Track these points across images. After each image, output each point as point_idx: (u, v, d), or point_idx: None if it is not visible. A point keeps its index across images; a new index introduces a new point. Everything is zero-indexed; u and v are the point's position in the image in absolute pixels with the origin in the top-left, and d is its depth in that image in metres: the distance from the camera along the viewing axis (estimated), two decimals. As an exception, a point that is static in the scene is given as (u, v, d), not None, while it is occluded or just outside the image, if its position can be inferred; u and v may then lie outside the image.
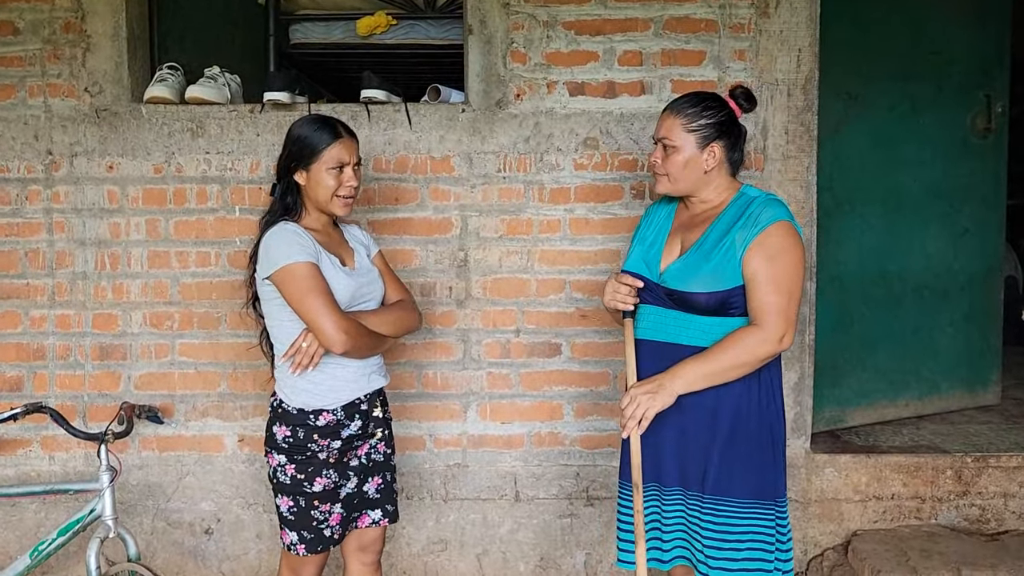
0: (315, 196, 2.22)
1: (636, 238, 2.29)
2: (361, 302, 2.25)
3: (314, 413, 2.19)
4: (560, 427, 2.95)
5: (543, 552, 2.99)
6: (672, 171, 2.12)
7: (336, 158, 2.19)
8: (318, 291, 2.11)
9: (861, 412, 3.40)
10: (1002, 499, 3.00)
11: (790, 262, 2.02)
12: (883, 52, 3.29)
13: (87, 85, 2.86)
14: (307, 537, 2.22)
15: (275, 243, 2.15)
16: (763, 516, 2.07)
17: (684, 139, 2.09)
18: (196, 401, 2.94)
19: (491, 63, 2.86)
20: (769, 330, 2.00)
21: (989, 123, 3.50)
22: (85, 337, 2.92)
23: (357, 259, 2.31)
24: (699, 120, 2.09)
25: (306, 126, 2.23)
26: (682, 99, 2.15)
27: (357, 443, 2.27)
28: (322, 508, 2.21)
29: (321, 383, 2.20)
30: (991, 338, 3.67)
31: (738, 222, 2.07)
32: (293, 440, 2.19)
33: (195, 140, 2.87)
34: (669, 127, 2.12)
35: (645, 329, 2.18)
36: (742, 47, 2.85)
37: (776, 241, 2.02)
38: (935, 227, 3.47)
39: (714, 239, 2.09)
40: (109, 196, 2.89)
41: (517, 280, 2.91)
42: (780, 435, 2.14)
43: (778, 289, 2.01)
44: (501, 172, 2.89)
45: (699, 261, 2.08)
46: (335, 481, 2.23)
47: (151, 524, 2.96)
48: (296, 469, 2.20)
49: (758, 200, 2.10)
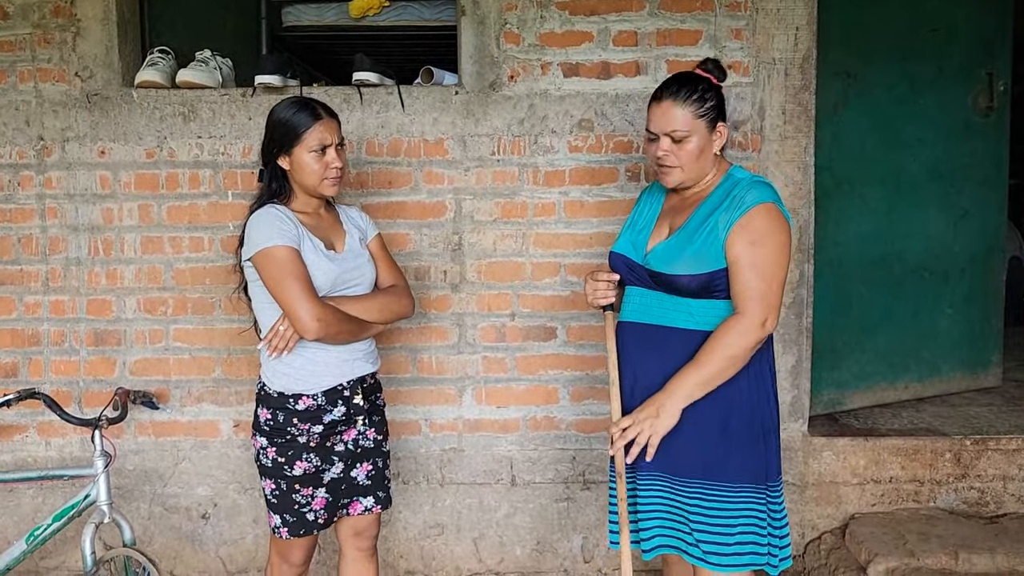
0: (301, 180, 2.20)
1: (627, 223, 2.27)
2: (346, 287, 2.23)
3: (294, 397, 2.19)
4: (556, 411, 2.94)
5: (540, 536, 2.98)
6: (687, 162, 2.06)
7: (318, 140, 2.17)
8: (294, 276, 2.10)
9: (860, 395, 3.38)
10: (1001, 482, 2.98)
11: (773, 246, 1.99)
12: (882, 30, 3.24)
13: (78, 70, 2.85)
14: (289, 520, 2.22)
15: (256, 226, 2.15)
16: (755, 500, 2.05)
17: (695, 126, 2.03)
18: (191, 386, 2.93)
19: (484, 44, 2.83)
20: (750, 317, 1.98)
21: (991, 102, 3.45)
22: (79, 323, 2.91)
23: (348, 242, 2.28)
24: (706, 104, 2.04)
25: (285, 110, 2.21)
26: (677, 87, 2.06)
27: (341, 428, 2.25)
28: (304, 492, 2.21)
29: (300, 368, 2.19)
30: (992, 319, 3.63)
31: (722, 204, 2.04)
32: (274, 423, 2.20)
33: (187, 124, 2.85)
34: (679, 118, 2.03)
35: (631, 311, 2.16)
36: (739, 26, 2.82)
37: (759, 224, 1.99)
38: (935, 208, 3.43)
39: (697, 221, 2.06)
40: (101, 181, 2.87)
41: (512, 264, 2.89)
42: (772, 419, 2.11)
43: (759, 274, 1.98)
44: (495, 155, 2.86)
45: (682, 243, 2.06)
46: (316, 465, 2.22)
47: (148, 509, 2.97)
48: (277, 452, 2.20)
49: (743, 182, 2.07)
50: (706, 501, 2.05)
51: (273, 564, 2.33)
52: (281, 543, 2.27)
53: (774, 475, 2.10)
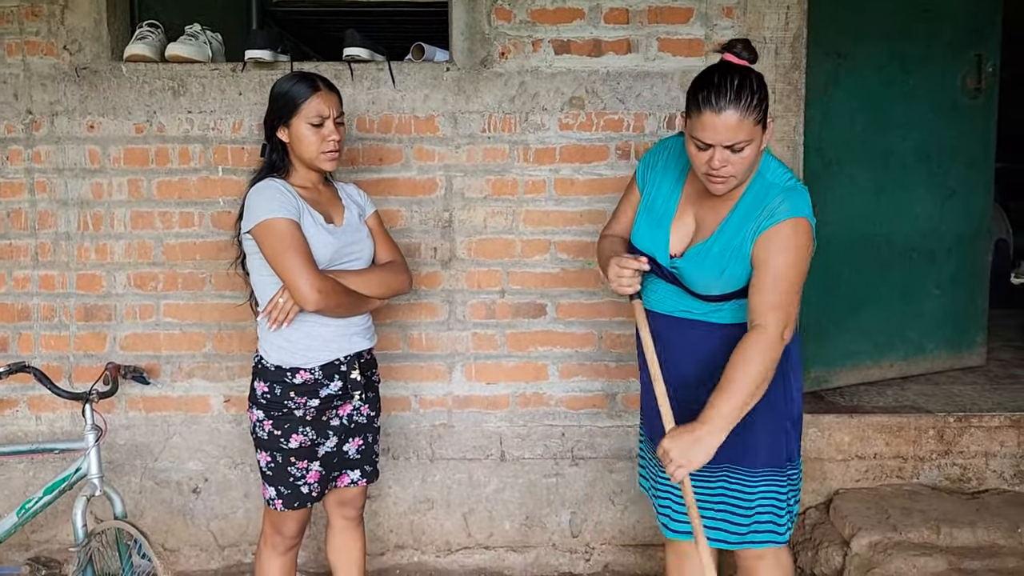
0: (299, 152, 2.21)
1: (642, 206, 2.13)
2: (345, 261, 2.24)
3: (291, 371, 2.21)
4: (545, 388, 2.96)
5: (528, 511, 3.01)
6: (742, 169, 1.89)
7: (315, 111, 2.18)
8: (295, 248, 2.11)
9: (846, 373, 3.41)
10: (983, 458, 3.02)
11: (795, 259, 1.91)
12: (873, 10, 3.25)
13: (66, 43, 2.83)
14: (284, 493, 2.24)
15: (256, 199, 2.16)
16: (776, 483, 2.06)
17: (755, 132, 1.86)
18: (182, 362, 2.94)
19: (476, 21, 2.83)
20: (770, 331, 1.89)
21: (979, 83, 3.47)
22: (69, 298, 2.91)
23: (346, 216, 2.29)
24: (760, 106, 1.86)
25: (285, 82, 2.23)
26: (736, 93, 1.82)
27: (337, 403, 2.27)
28: (299, 465, 2.23)
29: (297, 341, 2.21)
30: (977, 300, 3.67)
31: (753, 214, 1.94)
32: (270, 396, 2.21)
33: (176, 99, 2.84)
34: (743, 129, 1.83)
35: (647, 300, 2.11)
36: (730, 4, 2.82)
37: (785, 238, 1.90)
38: (923, 188, 3.46)
39: (729, 235, 1.97)
40: (90, 156, 2.86)
41: (502, 241, 2.90)
42: (797, 403, 2.10)
43: (778, 287, 1.91)
44: (486, 132, 2.86)
45: (713, 264, 1.98)
46: (312, 439, 2.24)
47: (139, 483, 2.98)
48: (273, 425, 2.22)
49: (777, 189, 1.94)
50: (730, 485, 2.06)
51: (266, 536, 2.35)
52: (275, 515, 2.29)
53: (795, 456, 2.10)
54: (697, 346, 2.06)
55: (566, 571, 3.01)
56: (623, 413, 2.97)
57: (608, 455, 2.99)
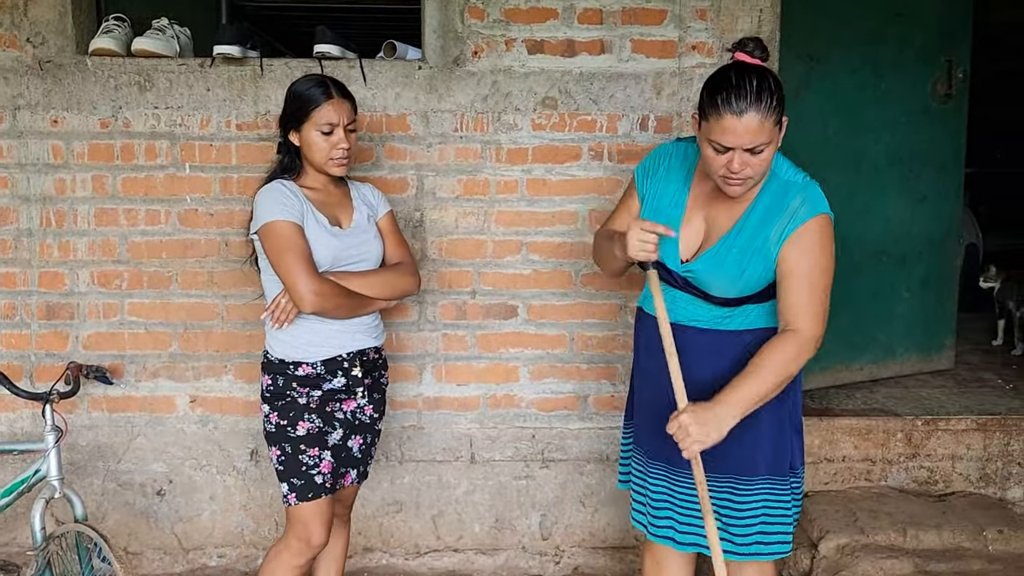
0: (310, 157, 2.26)
1: (646, 206, 2.07)
2: (350, 263, 2.27)
3: (294, 364, 2.24)
4: (516, 389, 2.94)
5: (498, 513, 3.00)
6: (760, 171, 1.86)
7: (325, 119, 2.21)
8: (294, 250, 2.15)
9: (816, 376, 3.42)
10: (950, 461, 3.05)
11: (825, 260, 1.90)
12: (846, 14, 3.26)
13: (29, 35, 2.77)
14: (297, 484, 2.22)
15: (262, 201, 2.21)
16: (779, 491, 2.04)
17: (773, 133, 1.84)
18: (147, 361, 2.89)
19: (448, 19, 2.80)
20: (807, 334, 1.88)
21: (949, 88, 3.50)
22: (31, 296, 2.85)
23: (355, 218, 2.32)
24: (779, 107, 1.83)
25: (301, 84, 2.27)
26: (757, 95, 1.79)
27: (341, 397, 2.29)
28: (311, 452, 2.23)
29: (299, 336, 2.25)
30: (947, 303, 3.71)
31: (775, 215, 1.90)
32: (274, 388, 2.25)
33: (143, 94, 2.79)
34: (764, 131, 1.80)
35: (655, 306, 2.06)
36: (703, 6, 2.81)
37: (813, 238, 1.88)
38: (894, 192, 3.48)
39: (748, 236, 1.93)
40: (54, 151, 2.80)
41: (473, 241, 2.88)
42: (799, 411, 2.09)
43: (812, 289, 1.88)
44: (458, 131, 2.84)
45: (732, 265, 1.93)
46: (319, 427, 2.25)
47: (102, 485, 2.93)
48: (279, 416, 2.24)
49: (796, 188, 1.92)
50: (735, 495, 2.04)
51: (290, 548, 2.25)
52: (301, 515, 2.23)
53: (798, 464, 2.08)
54: (705, 354, 2.02)
55: (536, 574, 2.99)
56: (594, 415, 2.95)
57: (579, 457, 2.97)
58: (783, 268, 1.91)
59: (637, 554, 2.96)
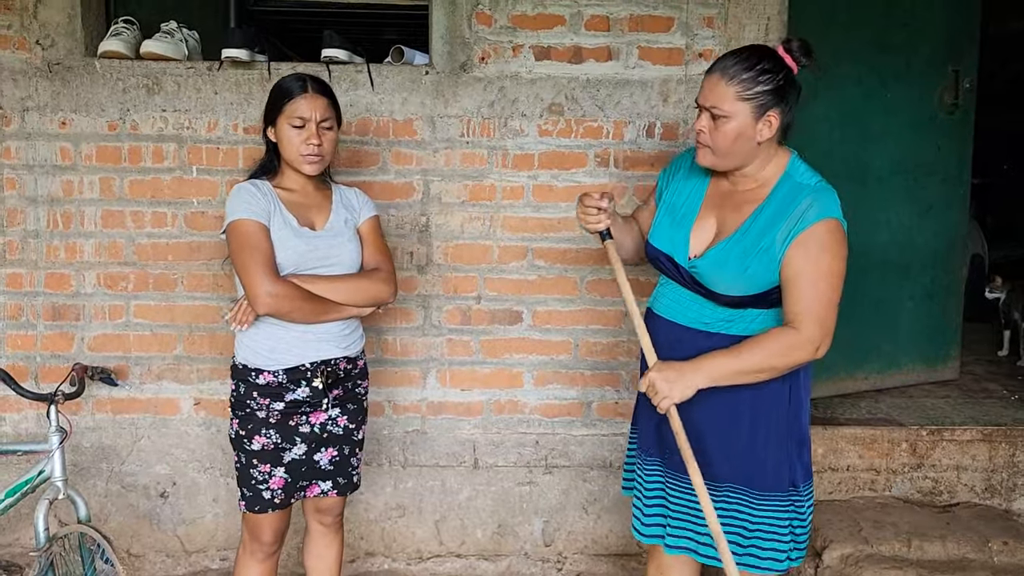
0: (285, 153, 2.21)
1: (662, 205, 2.10)
2: (317, 266, 2.19)
3: (255, 371, 2.19)
4: (520, 395, 2.94)
5: (501, 519, 2.99)
6: (720, 144, 1.89)
7: (297, 112, 2.16)
8: (253, 249, 2.10)
9: (821, 385, 3.41)
10: (955, 472, 3.03)
11: (833, 265, 1.87)
12: (853, 23, 3.27)
13: (39, 38, 2.78)
14: (247, 495, 2.22)
15: (230, 199, 2.20)
16: (779, 507, 2.00)
17: (737, 108, 1.85)
18: (151, 363, 2.89)
19: (456, 25, 2.81)
20: (806, 336, 1.86)
21: (956, 99, 3.49)
22: (37, 297, 2.86)
23: (330, 221, 2.25)
24: (756, 87, 1.84)
25: (282, 80, 2.24)
26: (734, 60, 1.87)
27: (307, 409, 2.22)
28: (261, 468, 2.19)
29: (261, 342, 2.19)
30: (952, 314, 3.69)
31: (783, 217, 1.89)
32: (237, 395, 2.22)
33: (151, 97, 2.80)
34: (720, 95, 1.86)
35: (665, 307, 2.07)
36: (711, 14, 2.82)
37: (820, 241, 1.86)
38: (900, 202, 3.48)
39: (755, 235, 1.92)
40: (62, 153, 2.81)
41: (479, 246, 2.88)
42: (806, 426, 2.05)
43: (819, 295, 1.86)
44: (464, 136, 2.85)
45: (736, 262, 1.92)
46: (276, 443, 2.19)
47: (105, 487, 2.93)
48: (239, 425, 2.21)
49: (807, 190, 1.91)
50: (730, 505, 2.01)
51: (244, 542, 2.30)
52: (250, 520, 2.25)
53: (800, 482, 2.03)
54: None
55: (538, 580, 2.99)
56: (598, 422, 2.95)
57: (582, 464, 2.97)
58: (787, 271, 1.88)
59: (640, 561, 2.95)
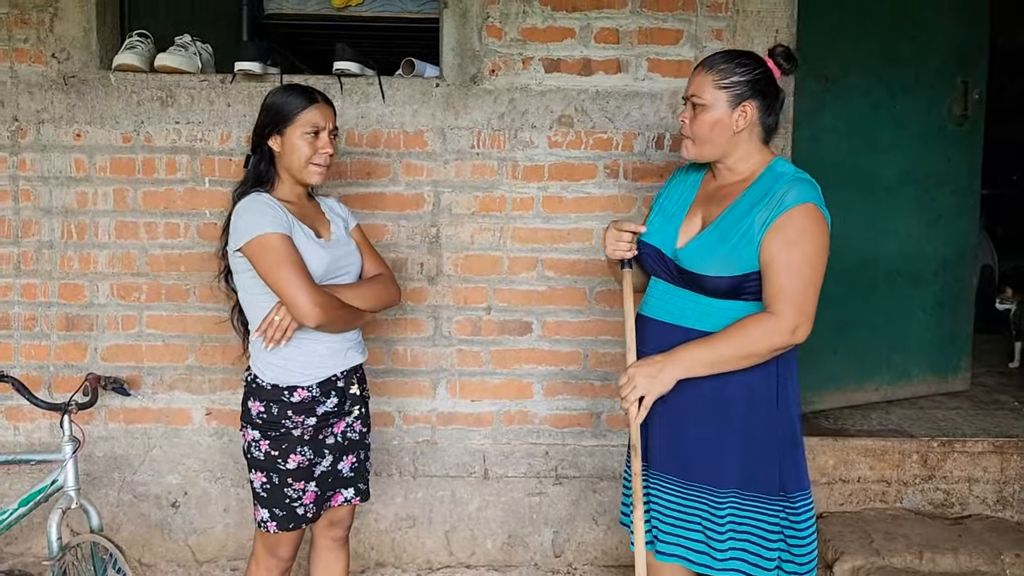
0: (289, 163, 2.17)
1: (656, 206, 2.16)
2: (337, 275, 2.20)
3: (288, 389, 2.15)
4: (530, 405, 2.95)
5: (511, 530, 2.99)
6: (699, 132, 1.98)
7: (311, 122, 2.15)
8: (290, 263, 2.06)
9: (831, 396, 3.41)
10: (967, 483, 3.02)
11: (811, 249, 1.88)
12: (862, 35, 3.28)
13: (55, 51, 2.82)
14: (279, 515, 2.18)
15: (247, 214, 2.11)
16: (768, 511, 1.97)
17: (714, 96, 1.95)
18: (164, 373, 2.91)
19: (466, 37, 2.84)
20: (781, 320, 1.87)
21: (965, 110, 3.50)
22: (51, 307, 2.88)
23: (334, 231, 2.26)
24: (732, 76, 1.94)
25: (280, 93, 2.20)
26: (716, 55, 2.02)
27: (333, 420, 2.23)
28: (296, 486, 2.17)
29: (294, 359, 2.15)
30: (962, 324, 3.69)
31: (761, 202, 1.93)
32: (267, 416, 2.15)
33: (165, 109, 2.83)
34: (699, 83, 1.97)
35: (652, 307, 2.10)
36: (719, 26, 2.84)
37: (798, 225, 1.88)
38: (909, 213, 3.48)
39: (734, 218, 1.95)
40: (76, 165, 2.85)
41: (489, 257, 2.90)
42: (794, 428, 2.02)
43: (794, 277, 1.87)
44: (475, 148, 2.86)
45: (715, 242, 1.95)
46: (310, 459, 2.18)
47: (117, 496, 2.94)
48: (270, 445, 2.15)
49: (785, 178, 1.94)
50: (709, 506, 2.00)
51: (258, 559, 2.27)
52: (269, 537, 2.22)
53: (791, 487, 1.99)
54: None
55: (548, 591, 2.99)
56: (608, 432, 2.95)
57: (592, 474, 2.97)
58: (765, 256, 1.91)
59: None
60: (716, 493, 2.00)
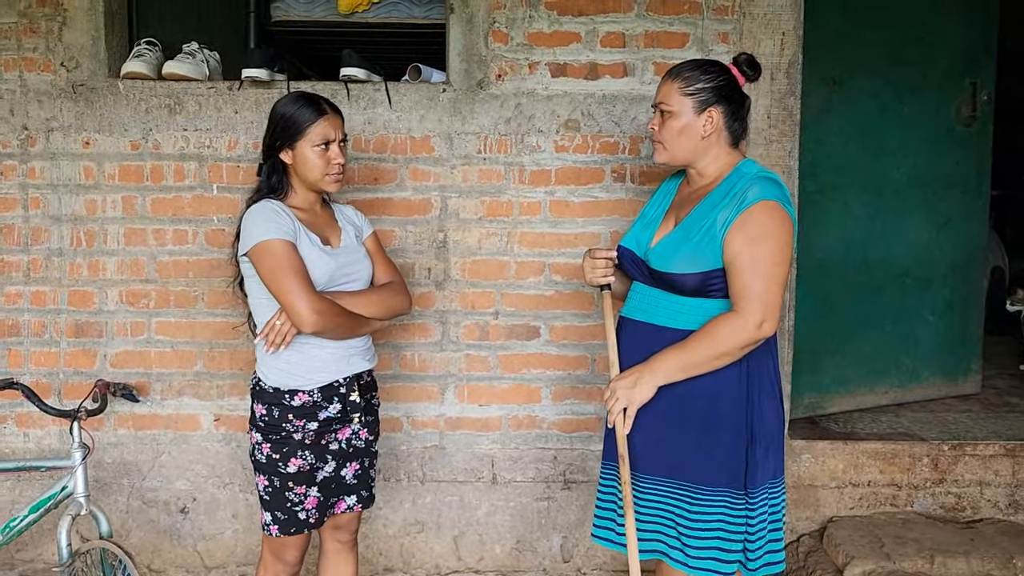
0: (303, 174, 2.20)
1: (639, 216, 2.25)
2: (343, 282, 2.22)
3: (289, 393, 2.17)
4: (538, 410, 2.94)
5: (519, 535, 2.99)
6: (667, 137, 2.06)
7: (321, 135, 2.17)
8: (291, 269, 2.09)
9: (840, 399, 3.40)
10: (978, 487, 3.00)
11: (773, 245, 1.93)
12: (869, 37, 3.27)
13: (63, 60, 2.83)
14: (281, 518, 2.20)
15: (252, 220, 2.15)
16: (734, 507, 2.00)
17: (681, 103, 2.03)
18: (172, 379, 2.92)
19: (472, 43, 2.84)
20: (745, 316, 1.92)
21: (974, 111, 3.49)
22: (60, 314, 2.89)
23: (344, 238, 2.28)
24: (696, 84, 2.02)
25: (289, 104, 2.21)
26: (682, 64, 2.10)
27: (336, 426, 2.23)
28: (297, 490, 2.19)
29: (297, 363, 2.18)
30: (972, 327, 3.67)
31: (724, 200, 1.99)
32: (269, 419, 2.18)
33: (173, 117, 2.84)
34: (666, 91, 2.06)
35: (632, 308, 2.15)
36: (726, 30, 2.83)
37: (759, 221, 1.93)
38: (918, 215, 3.47)
39: (697, 217, 2.02)
40: (85, 172, 2.86)
41: (496, 262, 2.90)
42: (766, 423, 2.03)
43: (757, 274, 1.92)
44: (481, 153, 2.87)
45: (679, 240, 2.02)
46: (311, 463, 2.20)
47: (126, 503, 2.95)
48: (272, 449, 2.18)
49: (747, 177, 2.01)
50: (690, 504, 2.02)
51: (266, 563, 2.29)
52: (274, 541, 2.24)
53: (758, 483, 2.01)
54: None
55: (557, 596, 2.98)
56: (616, 437, 2.95)
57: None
58: (728, 254, 1.96)
59: (659, 578, 2.93)
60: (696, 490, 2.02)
